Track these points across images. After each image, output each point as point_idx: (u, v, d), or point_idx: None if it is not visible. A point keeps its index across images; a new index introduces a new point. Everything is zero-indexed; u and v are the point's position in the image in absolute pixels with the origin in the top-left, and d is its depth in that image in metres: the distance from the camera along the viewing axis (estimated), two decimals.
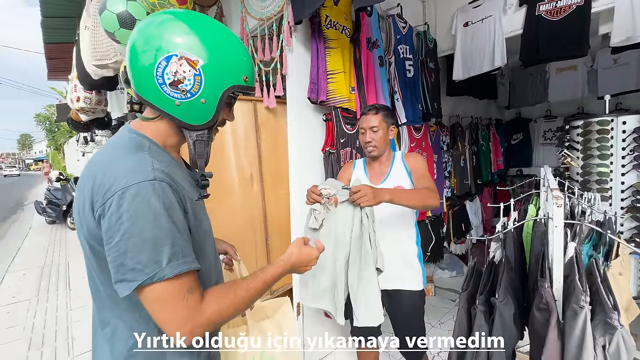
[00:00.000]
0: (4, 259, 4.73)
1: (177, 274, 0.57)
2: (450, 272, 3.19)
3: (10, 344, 2.51)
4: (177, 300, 0.58)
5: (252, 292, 0.67)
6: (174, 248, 0.58)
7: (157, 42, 0.60)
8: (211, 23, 0.66)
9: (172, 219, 0.58)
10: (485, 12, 2.40)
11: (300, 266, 0.78)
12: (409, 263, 1.42)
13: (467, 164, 3.40)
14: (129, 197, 0.55)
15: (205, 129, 0.68)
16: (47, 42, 3.91)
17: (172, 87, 0.62)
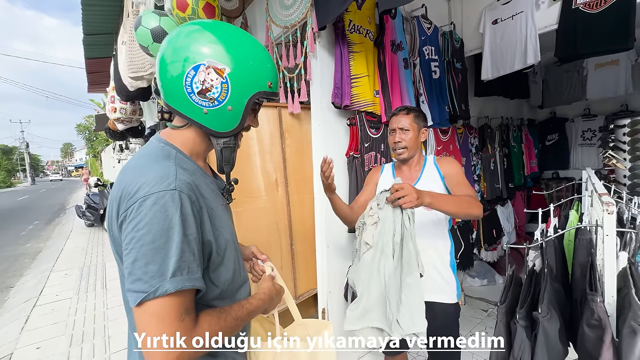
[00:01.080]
0: (50, 259, 5.09)
1: (178, 289, 0.55)
2: (481, 281, 3.04)
3: (54, 340, 2.68)
4: (174, 320, 0.55)
5: (238, 321, 0.68)
6: (180, 262, 0.56)
7: (185, 52, 0.62)
8: (237, 32, 0.67)
9: (185, 232, 0.58)
10: (516, 9, 2.29)
11: (276, 298, 0.83)
12: (443, 274, 1.34)
13: (498, 166, 3.25)
14: (148, 206, 0.56)
15: (232, 136, 0.70)
16: (88, 58, 4.22)
17: (200, 96, 0.63)
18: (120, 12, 2.97)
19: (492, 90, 3.08)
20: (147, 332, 0.55)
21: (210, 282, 0.67)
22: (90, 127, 22.66)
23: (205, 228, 0.64)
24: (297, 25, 1.83)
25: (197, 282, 0.59)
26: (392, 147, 1.39)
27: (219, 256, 0.68)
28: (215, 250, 0.67)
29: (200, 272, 0.61)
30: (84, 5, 2.86)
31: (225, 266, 0.70)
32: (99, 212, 6.77)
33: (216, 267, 0.68)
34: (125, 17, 1.90)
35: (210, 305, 0.67)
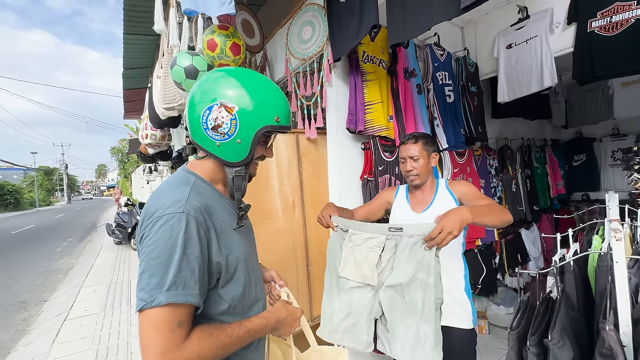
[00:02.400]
0: (81, 275, 5.37)
1: (170, 302, 0.61)
2: (507, 308, 2.88)
3: (81, 354, 2.80)
4: (166, 330, 0.60)
5: (234, 339, 0.69)
6: (177, 277, 0.62)
7: (205, 94, 0.74)
8: (251, 75, 0.77)
9: (186, 251, 0.64)
10: (530, 33, 2.33)
11: (285, 324, 0.82)
12: (457, 298, 1.33)
13: (520, 188, 3.16)
14: (159, 225, 0.65)
15: (242, 165, 0.78)
16: (126, 89, 4.63)
17: (213, 131, 0.73)
18: (156, 49, 3.29)
19: (510, 111, 3.07)
20: (142, 337, 0.61)
21: (219, 297, 0.73)
22: (123, 150, 24.18)
23: (212, 248, 0.71)
24: (314, 57, 1.96)
25: (190, 297, 0.64)
26: (405, 175, 1.44)
27: (228, 273, 0.74)
28: (225, 267, 0.73)
29: (197, 289, 0.65)
30: (126, 43, 3.20)
31: (235, 283, 0.76)
32: (127, 230, 7.11)
33: (225, 283, 0.74)
34: (160, 55, 2.12)
35: (219, 319, 0.73)
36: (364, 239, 1.20)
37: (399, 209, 1.48)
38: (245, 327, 0.72)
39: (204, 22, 1.80)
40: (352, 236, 1.23)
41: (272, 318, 0.80)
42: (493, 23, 2.56)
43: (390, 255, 1.15)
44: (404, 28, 1.44)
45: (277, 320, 0.81)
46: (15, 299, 4.46)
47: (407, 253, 1.11)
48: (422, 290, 1.08)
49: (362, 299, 1.18)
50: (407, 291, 1.10)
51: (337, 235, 1.28)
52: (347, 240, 1.24)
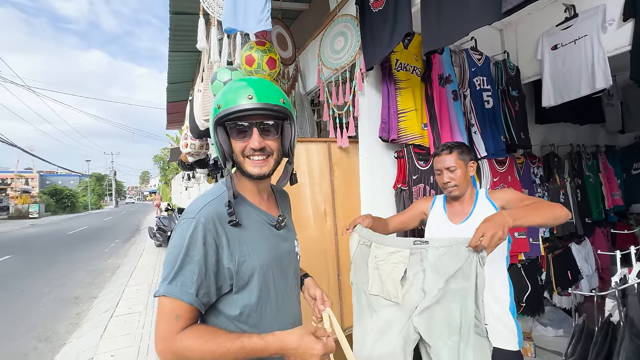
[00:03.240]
0: (126, 274, 5.76)
1: (165, 294, 0.69)
2: (555, 330, 2.64)
3: (125, 350, 2.98)
4: (166, 318, 0.69)
5: (223, 349, 0.66)
6: (177, 274, 0.70)
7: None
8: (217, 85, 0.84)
9: (189, 253, 0.70)
10: (578, 33, 2.17)
11: (294, 356, 0.68)
12: (502, 318, 1.24)
13: (570, 199, 2.91)
14: (176, 228, 0.75)
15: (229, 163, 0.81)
16: (169, 102, 4.97)
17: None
18: (196, 64, 3.51)
19: (557, 116, 2.85)
20: (155, 321, 0.71)
21: (233, 302, 0.76)
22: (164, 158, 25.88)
23: (223, 253, 0.74)
24: (347, 67, 1.98)
25: (184, 296, 0.69)
26: (442, 187, 1.38)
27: (241, 280, 0.76)
28: (236, 273, 0.75)
29: (194, 289, 0.70)
30: (170, 60, 3.46)
31: (249, 291, 0.77)
32: (167, 233, 7.54)
33: (238, 290, 0.76)
34: (201, 70, 2.26)
35: (236, 324, 0.76)
36: (387, 254, 1.14)
37: (435, 220, 1.43)
38: (240, 342, 0.67)
39: (242, 39, 1.90)
40: (376, 250, 1.17)
41: (275, 344, 0.68)
42: (536, 24, 2.42)
43: (416, 271, 1.08)
44: (440, 35, 1.41)
45: (281, 348, 0.68)
46: (69, 294, 4.89)
47: (434, 268, 1.05)
48: (459, 302, 1.01)
49: (396, 319, 1.10)
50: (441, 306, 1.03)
51: (360, 250, 1.22)
52: (372, 255, 1.18)
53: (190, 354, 0.67)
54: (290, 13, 2.92)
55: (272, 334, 0.70)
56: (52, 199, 27.60)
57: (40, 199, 26.97)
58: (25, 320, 3.93)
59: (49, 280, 5.66)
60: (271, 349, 0.68)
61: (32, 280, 5.75)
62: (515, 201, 1.25)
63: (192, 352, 0.67)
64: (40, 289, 5.20)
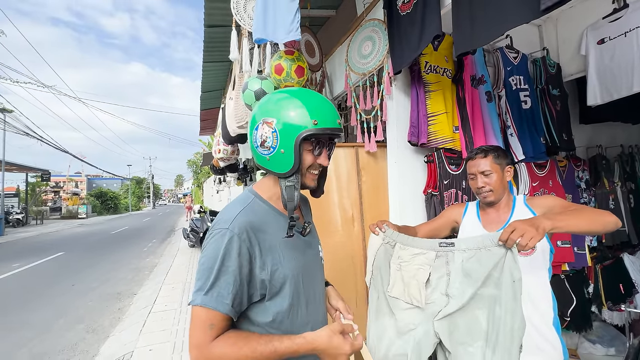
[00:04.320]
0: (162, 273, 6.10)
1: (202, 305, 0.70)
2: (606, 349, 2.41)
3: (162, 345, 3.15)
4: (201, 327, 0.70)
5: (257, 354, 0.69)
6: (213, 285, 0.71)
7: (255, 117, 0.82)
8: (286, 91, 0.82)
9: (225, 263, 0.72)
10: (630, 25, 2.00)
11: (325, 355, 0.73)
12: (543, 332, 1.16)
13: (621, 205, 2.67)
14: (210, 238, 0.76)
15: (292, 175, 0.79)
16: (202, 109, 5.23)
17: (262, 147, 0.80)
18: (228, 73, 3.67)
19: (604, 116, 2.64)
20: (189, 329, 0.73)
21: (266, 309, 0.78)
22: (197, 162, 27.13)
23: (256, 264, 0.76)
24: (374, 71, 1.97)
25: (220, 306, 0.71)
26: (476, 192, 1.32)
27: (274, 287, 0.78)
28: (269, 282, 0.77)
29: (229, 299, 0.72)
30: (204, 70, 3.65)
31: (282, 297, 0.79)
32: (199, 235, 7.88)
33: (271, 297, 0.78)
34: (232, 79, 2.36)
35: (267, 330, 0.78)
36: (412, 255, 1.11)
37: (468, 228, 1.36)
38: (272, 346, 0.70)
39: (272, 48, 1.97)
40: (400, 251, 1.14)
41: (306, 346, 0.71)
42: (579, 17, 2.26)
43: (441, 275, 1.05)
44: (473, 36, 1.36)
45: (312, 349, 0.72)
46: (112, 290, 5.26)
47: (461, 271, 1.00)
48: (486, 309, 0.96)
49: (416, 322, 1.08)
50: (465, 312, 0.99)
51: (384, 249, 1.20)
52: (395, 256, 1.15)
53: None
54: (317, 20, 2.97)
55: (301, 336, 0.72)
56: (97, 200, 29.93)
57: (87, 201, 29.36)
58: (75, 313, 4.29)
59: (96, 277, 6.13)
60: (302, 351, 0.71)
61: (81, 275, 6.26)
62: (557, 208, 1.15)
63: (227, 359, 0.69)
64: (89, 284, 5.64)
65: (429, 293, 1.07)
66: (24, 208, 18.68)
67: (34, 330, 3.79)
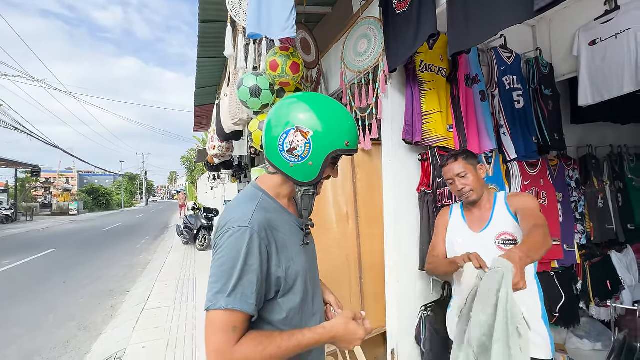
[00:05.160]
0: (156, 270, 6.06)
1: (227, 308, 0.67)
2: (593, 343, 2.47)
3: (155, 342, 3.14)
4: (222, 331, 0.67)
5: (282, 350, 0.70)
6: (236, 286, 0.69)
7: (283, 119, 0.78)
8: (325, 102, 0.80)
9: (247, 262, 0.70)
10: (620, 26, 2.03)
11: (342, 341, 0.78)
12: (532, 326, 1.20)
13: (610, 204, 2.73)
14: (227, 237, 0.73)
15: (312, 185, 0.82)
16: (196, 105, 5.18)
17: (289, 153, 0.78)
18: (223, 69, 3.64)
19: (595, 116, 2.68)
20: (205, 333, 0.70)
21: (279, 307, 0.78)
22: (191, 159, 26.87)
23: (272, 262, 0.76)
24: (370, 69, 1.97)
25: (246, 306, 0.69)
26: (458, 195, 1.38)
27: (287, 284, 0.79)
28: (284, 279, 0.78)
29: (254, 299, 0.70)
30: (199, 66, 3.61)
31: (294, 294, 0.80)
32: (193, 232, 7.84)
33: (284, 294, 0.79)
34: (227, 75, 2.34)
35: (278, 327, 0.78)
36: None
37: (455, 229, 1.42)
38: (295, 340, 0.72)
39: (267, 44, 1.95)
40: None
41: (326, 335, 0.77)
42: (572, 18, 2.29)
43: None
44: (467, 35, 1.37)
45: (332, 337, 0.77)
46: (104, 287, 5.22)
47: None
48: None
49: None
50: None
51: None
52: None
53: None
54: (313, 17, 2.96)
55: (321, 326, 0.77)
56: (89, 197, 29.52)
57: (79, 197, 28.93)
58: (67, 310, 4.24)
59: (87, 274, 6.07)
60: (323, 340, 0.76)
61: (72, 272, 6.19)
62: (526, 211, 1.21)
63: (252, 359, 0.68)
64: (80, 281, 5.58)
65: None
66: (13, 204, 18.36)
67: (24, 327, 3.74)
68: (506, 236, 1.24)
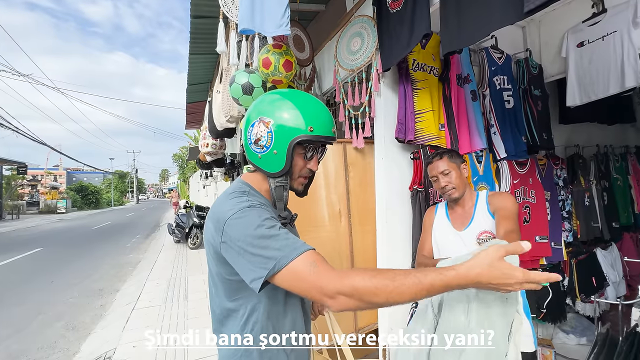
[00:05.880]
0: (146, 269, 5.98)
1: (287, 262, 0.64)
2: (578, 338, 2.54)
3: (144, 342, 3.10)
4: (305, 272, 0.63)
5: (396, 283, 0.60)
6: (278, 244, 0.67)
7: (251, 114, 0.82)
8: (285, 92, 0.82)
9: (270, 223, 0.69)
10: (607, 29, 2.08)
11: (490, 283, 0.59)
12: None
13: (596, 202, 2.80)
14: (234, 221, 0.71)
15: (282, 176, 0.82)
16: (188, 102, 5.11)
17: (255, 145, 0.80)
18: (215, 66, 3.60)
19: (582, 116, 2.74)
20: (296, 289, 0.67)
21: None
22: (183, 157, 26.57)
23: None
24: (363, 67, 1.98)
25: (301, 247, 0.67)
26: (441, 192, 1.42)
27: None
28: None
29: (300, 241, 0.70)
30: (190, 62, 3.56)
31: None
32: (185, 230, 7.75)
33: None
34: (219, 72, 2.32)
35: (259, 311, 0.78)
36: None
37: (439, 228, 1.45)
38: (415, 278, 0.60)
39: (260, 41, 1.94)
40: None
41: (458, 280, 0.60)
42: (561, 20, 2.34)
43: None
44: (459, 35, 1.39)
45: (472, 281, 0.60)
46: (94, 286, 5.13)
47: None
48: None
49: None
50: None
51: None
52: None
53: (361, 286, 0.61)
54: (306, 14, 2.95)
55: (451, 268, 0.61)
56: (78, 195, 28.92)
57: (67, 195, 28.34)
58: (54, 310, 4.16)
59: (76, 273, 5.96)
60: (453, 285, 0.60)
61: (60, 272, 6.07)
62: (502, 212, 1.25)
63: (362, 286, 0.61)
64: (68, 280, 5.48)
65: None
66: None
67: (11, 328, 3.66)
68: (486, 234, 1.28)
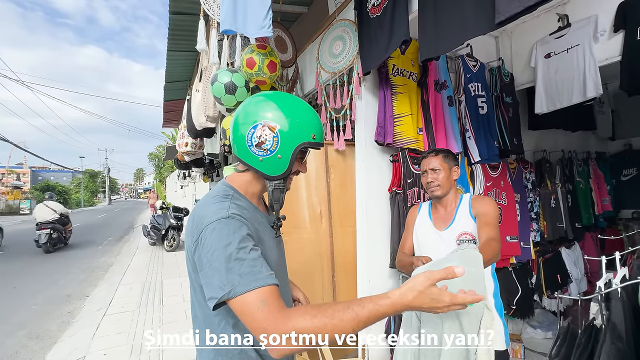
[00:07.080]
0: (119, 273, 5.72)
1: (241, 292, 0.65)
2: (545, 332, 2.69)
3: (118, 348, 2.97)
4: (254, 310, 0.64)
5: (336, 321, 0.63)
6: (240, 269, 0.66)
7: (251, 116, 0.80)
8: (290, 99, 0.84)
9: (241, 244, 0.69)
10: (571, 42, 2.22)
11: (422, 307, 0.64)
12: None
13: (561, 204, 2.98)
14: (209, 231, 0.71)
15: (281, 179, 0.84)
16: (166, 100, 4.96)
17: (257, 147, 0.80)
18: (195, 64, 3.51)
19: (549, 123, 2.92)
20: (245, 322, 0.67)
21: None
22: (160, 156, 25.66)
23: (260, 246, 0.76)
24: (344, 70, 2.00)
25: (267, 280, 0.67)
26: (426, 187, 1.45)
27: None
28: None
29: (267, 269, 0.69)
30: (168, 59, 3.46)
31: None
32: (161, 232, 7.49)
33: None
34: (199, 70, 2.27)
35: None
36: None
37: (421, 226, 1.48)
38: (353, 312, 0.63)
39: (242, 41, 1.92)
40: None
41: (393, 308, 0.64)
42: (530, 32, 2.48)
43: None
44: (436, 43, 1.44)
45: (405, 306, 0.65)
46: (62, 292, 4.84)
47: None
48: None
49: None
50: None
51: None
52: None
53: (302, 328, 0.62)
54: (289, 16, 2.95)
55: (384, 296, 0.64)
56: (43, 195, 27.22)
57: (31, 195, 26.56)
58: (16, 318, 3.89)
59: (41, 278, 5.60)
60: (389, 313, 0.64)
61: (23, 277, 5.68)
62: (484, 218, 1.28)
63: (303, 328, 0.62)
64: (32, 286, 5.14)
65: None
66: None
67: None
68: (466, 236, 1.33)
